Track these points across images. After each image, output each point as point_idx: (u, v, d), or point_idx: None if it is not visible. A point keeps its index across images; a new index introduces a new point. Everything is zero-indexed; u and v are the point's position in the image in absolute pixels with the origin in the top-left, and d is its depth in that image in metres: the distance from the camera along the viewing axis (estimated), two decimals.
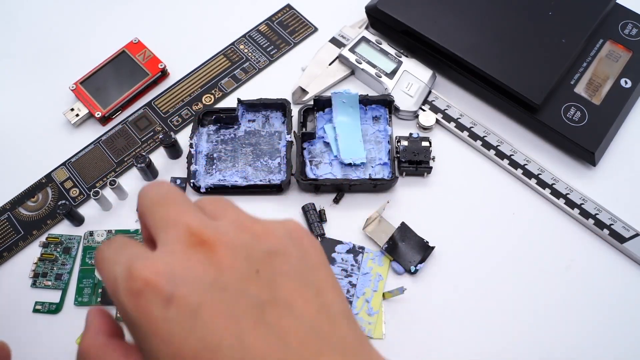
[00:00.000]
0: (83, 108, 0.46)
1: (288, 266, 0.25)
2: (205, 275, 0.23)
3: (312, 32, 0.50)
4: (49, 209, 0.43)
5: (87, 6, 0.52)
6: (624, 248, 0.39)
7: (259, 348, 0.22)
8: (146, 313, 0.23)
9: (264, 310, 0.23)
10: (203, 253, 0.24)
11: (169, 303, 0.23)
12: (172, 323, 0.22)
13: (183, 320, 0.22)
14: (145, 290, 0.23)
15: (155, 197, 0.27)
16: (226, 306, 0.23)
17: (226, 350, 0.22)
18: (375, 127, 0.44)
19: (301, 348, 0.22)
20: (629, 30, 0.45)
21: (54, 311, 0.39)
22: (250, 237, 0.25)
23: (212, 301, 0.23)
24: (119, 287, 0.24)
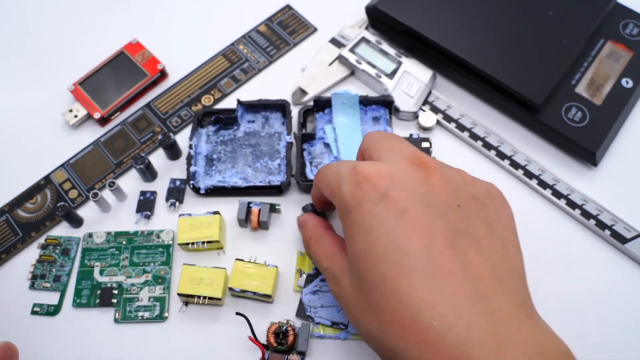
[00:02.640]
0: (82, 109, 0.45)
1: (485, 214, 0.27)
2: (418, 188, 0.26)
3: (312, 33, 0.49)
4: (48, 210, 0.43)
5: (86, 6, 0.52)
6: (626, 249, 0.39)
7: (442, 265, 0.24)
8: (360, 202, 0.26)
9: (457, 237, 0.25)
10: (420, 172, 0.27)
11: (381, 199, 0.25)
12: (377, 218, 0.25)
13: (387, 218, 0.25)
14: (364, 183, 0.26)
15: (382, 134, 0.31)
16: (427, 220, 0.25)
17: (413, 257, 0.24)
18: (376, 128, 0.44)
19: (480, 279, 0.24)
20: (630, 29, 0.45)
21: (52, 313, 0.39)
22: (461, 179, 0.28)
23: (416, 211, 0.25)
24: (342, 180, 0.27)
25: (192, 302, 0.38)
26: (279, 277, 0.39)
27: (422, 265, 0.24)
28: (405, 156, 0.28)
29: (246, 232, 0.41)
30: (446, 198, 0.26)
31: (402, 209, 0.25)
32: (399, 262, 0.24)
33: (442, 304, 0.23)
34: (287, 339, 0.36)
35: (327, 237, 0.32)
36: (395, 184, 0.26)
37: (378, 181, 0.26)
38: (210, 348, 0.37)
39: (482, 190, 0.28)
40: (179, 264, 0.40)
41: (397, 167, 0.27)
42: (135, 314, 0.38)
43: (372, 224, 0.25)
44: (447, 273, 0.24)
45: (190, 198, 0.43)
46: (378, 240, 0.25)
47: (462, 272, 0.24)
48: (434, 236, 0.25)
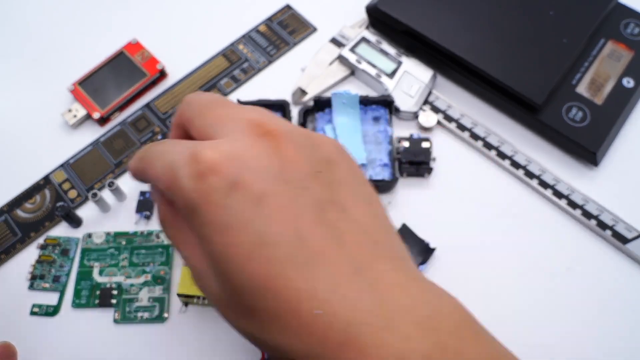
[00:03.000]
0: (81, 109, 0.45)
1: (343, 175, 0.24)
2: (271, 165, 0.22)
3: (312, 32, 0.49)
4: (47, 210, 0.43)
5: (86, 6, 0.52)
6: (627, 249, 0.39)
7: (317, 246, 0.21)
8: (207, 198, 0.22)
9: (324, 209, 0.22)
10: (268, 143, 0.23)
11: (232, 189, 0.21)
12: (231, 211, 0.21)
13: (244, 209, 0.21)
14: (208, 173, 0.22)
15: (203, 99, 0.26)
16: (289, 200, 0.22)
17: (283, 246, 0.21)
18: (376, 128, 0.44)
19: (356, 250, 0.22)
20: (630, 29, 0.44)
21: (52, 313, 0.39)
22: (309, 141, 0.24)
23: (275, 193, 0.22)
24: (180, 172, 0.22)
25: (192, 302, 0.38)
26: None
27: (294, 253, 0.21)
28: (245, 127, 0.23)
29: None
30: (303, 168, 0.23)
31: (258, 194, 0.21)
32: (267, 257, 0.21)
33: (323, 290, 0.20)
34: None
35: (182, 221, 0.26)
36: (245, 166, 0.22)
37: (224, 168, 0.22)
38: (210, 349, 0.37)
39: (333, 148, 0.25)
40: (179, 264, 0.40)
41: (241, 143, 0.23)
42: (135, 315, 0.38)
43: (227, 221, 0.21)
44: (321, 254, 0.21)
45: None
46: (238, 238, 0.21)
47: (337, 248, 0.21)
48: (301, 215, 0.22)
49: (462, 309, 0.22)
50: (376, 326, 0.20)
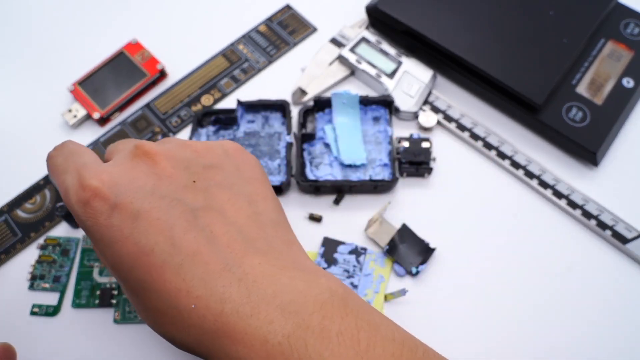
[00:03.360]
0: (81, 109, 0.45)
1: (222, 177, 0.27)
2: (146, 184, 0.26)
3: (312, 33, 0.49)
4: (47, 211, 0.43)
5: (86, 6, 0.52)
6: (627, 249, 0.39)
7: (189, 249, 0.24)
8: (94, 220, 0.25)
9: (197, 216, 0.25)
10: (146, 164, 0.26)
11: (113, 210, 0.25)
12: (114, 229, 0.25)
13: (124, 226, 0.25)
14: (92, 200, 0.25)
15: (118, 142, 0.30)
16: (162, 213, 0.25)
17: (159, 253, 0.24)
18: (376, 128, 0.44)
19: (228, 249, 0.25)
20: (630, 29, 0.44)
21: (52, 314, 0.39)
22: (191, 153, 0.28)
23: (150, 208, 0.25)
24: (71, 197, 0.26)
25: None
26: None
27: (169, 258, 0.24)
28: (129, 152, 0.27)
29: None
30: (178, 181, 0.26)
31: (135, 212, 0.25)
32: (147, 263, 0.24)
33: (196, 287, 0.24)
34: None
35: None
36: (122, 189, 0.26)
37: (105, 193, 0.25)
38: None
39: (217, 154, 0.28)
40: None
41: (121, 168, 0.26)
42: (135, 315, 0.38)
43: (111, 237, 0.25)
44: (194, 255, 0.24)
45: None
46: (121, 250, 0.25)
47: (209, 248, 0.24)
48: (174, 225, 0.25)
49: (334, 289, 0.24)
50: (243, 314, 0.23)
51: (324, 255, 0.39)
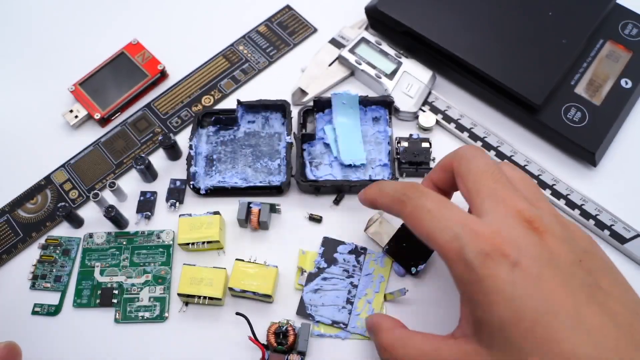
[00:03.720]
0: (82, 109, 0.46)
1: (600, 264, 0.29)
2: (542, 253, 0.27)
3: (312, 33, 0.49)
4: (48, 211, 0.43)
5: (86, 7, 0.52)
6: (625, 249, 0.39)
7: (594, 321, 0.25)
8: (492, 272, 0.27)
9: (592, 291, 0.26)
10: (534, 235, 0.28)
11: (514, 267, 0.26)
12: (516, 285, 0.26)
13: (526, 285, 0.26)
14: (493, 253, 0.27)
15: (485, 167, 0.31)
16: (562, 280, 0.26)
17: (563, 317, 0.25)
18: (375, 128, 0.44)
19: (630, 327, 0.25)
20: (629, 30, 0.45)
21: (53, 313, 0.39)
22: (569, 235, 0.29)
23: (549, 274, 0.26)
24: (466, 248, 0.27)
25: (193, 302, 0.38)
26: (279, 277, 0.39)
27: (576, 323, 0.25)
28: (512, 214, 0.28)
29: (246, 232, 0.41)
30: (567, 257, 0.28)
31: (537, 275, 0.26)
32: (553, 323, 0.25)
33: (610, 357, 0.24)
34: (287, 339, 0.36)
35: (414, 335, 0.32)
36: (522, 251, 0.27)
37: (505, 249, 0.27)
38: (210, 348, 0.37)
39: (588, 240, 0.30)
40: (179, 264, 0.40)
41: (515, 231, 0.28)
42: (136, 314, 0.39)
43: (513, 291, 0.26)
44: (600, 327, 0.25)
45: (191, 198, 0.43)
46: (524, 306, 0.26)
47: (613, 324, 0.25)
48: (575, 294, 0.26)
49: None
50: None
51: (324, 255, 0.40)
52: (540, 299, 0.26)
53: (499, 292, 0.26)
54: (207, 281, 0.38)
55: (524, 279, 0.26)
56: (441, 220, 0.29)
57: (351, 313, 0.38)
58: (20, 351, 0.34)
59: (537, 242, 0.27)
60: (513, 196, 0.29)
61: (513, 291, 0.26)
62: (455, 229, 0.28)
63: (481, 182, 0.30)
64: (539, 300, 0.26)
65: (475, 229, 0.28)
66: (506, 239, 0.27)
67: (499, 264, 0.27)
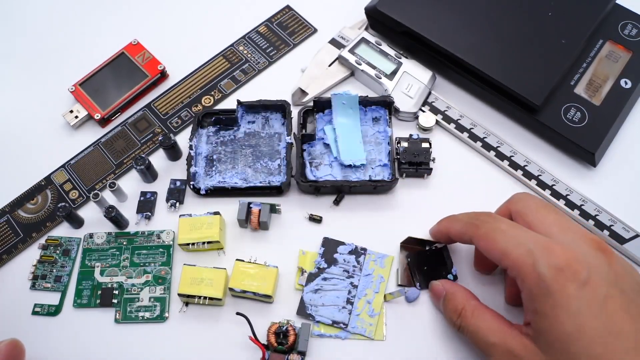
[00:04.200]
0: (82, 110, 0.46)
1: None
2: (608, 274, 0.29)
3: (312, 33, 0.49)
4: (49, 211, 0.43)
5: (86, 7, 0.52)
6: (624, 249, 0.39)
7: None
8: (564, 286, 0.28)
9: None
10: (604, 257, 0.30)
11: (584, 285, 0.28)
12: (582, 302, 0.28)
13: (593, 302, 0.28)
14: (566, 269, 0.28)
15: (535, 202, 0.34)
16: (626, 304, 0.28)
17: (625, 339, 0.27)
18: (375, 129, 0.44)
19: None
20: (628, 30, 0.45)
21: (53, 313, 0.39)
22: (630, 268, 0.31)
23: (616, 296, 0.28)
24: (538, 260, 0.29)
25: (193, 302, 0.38)
26: (279, 278, 0.39)
27: (633, 347, 0.27)
28: (584, 239, 0.30)
29: (246, 232, 0.41)
30: (631, 282, 0.29)
31: (604, 295, 0.28)
32: (612, 344, 0.27)
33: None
34: (288, 339, 0.36)
35: (487, 310, 0.34)
36: (592, 270, 0.29)
37: (577, 267, 0.28)
38: (210, 348, 0.37)
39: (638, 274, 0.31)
40: (180, 264, 0.40)
41: (586, 252, 0.30)
42: (136, 314, 0.39)
43: (579, 307, 0.28)
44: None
45: (191, 198, 0.43)
46: (588, 323, 0.27)
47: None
48: (636, 319, 0.28)
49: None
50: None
51: (324, 255, 0.40)
52: (604, 320, 0.27)
53: (565, 307, 0.28)
54: (207, 281, 0.38)
55: (592, 297, 0.28)
56: (515, 238, 0.31)
57: (351, 313, 0.38)
58: (24, 348, 0.34)
59: (605, 264, 0.29)
60: (576, 225, 0.32)
61: (579, 307, 0.28)
62: (529, 245, 0.30)
63: (542, 214, 0.33)
64: (602, 320, 0.27)
65: (548, 245, 0.30)
66: (579, 257, 0.29)
67: (569, 280, 0.28)
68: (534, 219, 0.32)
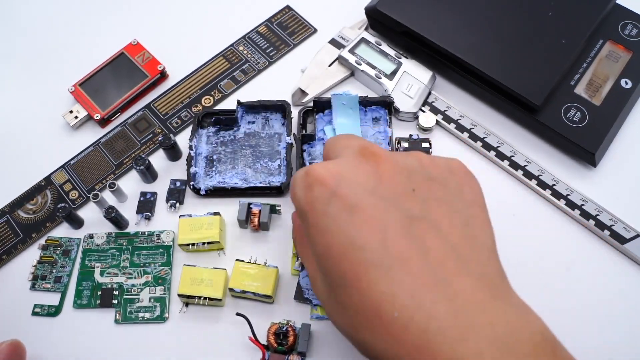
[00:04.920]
0: (82, 110, 0.46)
1: (443, 193, 0.27)
2: (367, 182, 0.26)
3: (312, 34, 0.49)
4: (48, 211, 0.43)
5: (86, 7, 0.52)
6: (625, 249, 0.39)
7: (399, 256, 0.24)
8: (312, 204, 0.26)
9: (412, 224, 0.25)
10: (370, 164, 0.27)
11: (331, 198, 0.26)
12: (329, 217, 0.25)
13: (339, 216, 0.25)
14: (314, 184, 0.26)
15: (338, 136, 0.31)
16: (379, 212, 0.25)
17: (369, 252, 0.24)
18: (375, 129, 0.44)
19: (439, 264, 0.24)
20: (629, 30, 0.45)
21: (53, 314, 0.39)
22: (416, 162, 0.28)
23: (367, 205, 0.25)
24: (296, 184, 0.28)
25: (193, 302, 0.38)
26: (279, 278, 0.39)
27: (378, 259, 0.24)
28: (355, 150, 0.28)
29: (246, 232, 0.41)
30: (398, 186, 0.26)
31: (352, 205, 0.25)
32: (356, 259, 0.24)
33: (402, 295, 0.23)
34: (288, 339, 0.36)
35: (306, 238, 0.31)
36: (344, 181, 0.26)
37: (327, 180, 0.26)
38: (210, 349, 0.37)
39: (442, 168, 0.28)
40: (180, 264, 0.40)
41: (347, 162, 0.27)
42: (136, 315, 0.39)
43: (326, 224, 0.25)
44: (404, 263, 0.24)
45: (191, 199, 0.43)
46: (333, 240, 0.25)
47: (420, 259, 0.24)
48: (388, 227, 0.24)
49: (546, 332, 0.23)
50: (450, 337, 0.22)
51: None
52: (349, 232, 0.24)
53: (315, 225, 0.26)
54: (207, 282, 0.38)
55: (338, 211, 0.25)
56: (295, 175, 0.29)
57: None
58: (25, 349, 0.35)
59: (368, 169, 0.26)
60: (360, 139, 0.29)
61: (326, 224, 0.25)
62: (296, 175, 0.28)
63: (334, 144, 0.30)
64: (348, 233, 0.24)
65: (308, 169, 0.27)
66: (331, 170, 0.26)
67: (317, 197, 0.26)
68: (330, 153, 0.30)
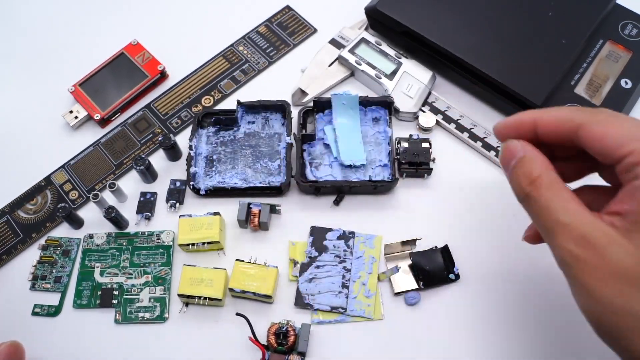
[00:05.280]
0: (82, 110, 0.46)
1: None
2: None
3: (312, 34, 0.49)
4: (48, 211, 0.43)
5: (86, 8, 0.52)
6: None
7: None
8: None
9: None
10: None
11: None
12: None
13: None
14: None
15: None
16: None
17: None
18: (375, 129, 0.44)
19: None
20: (629, 30, 0.45)
21: (53, 314, 0.39)
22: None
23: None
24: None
25: (193, 302, 0.38)
26: (279, 278, 0.39)
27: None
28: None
29: (246, 232, 0.41)
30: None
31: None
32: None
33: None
34: (288, 339, 0.36)
35: (565, 188, 0.28)
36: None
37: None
38: (210, 348, 0.37)
39: None
40: (180, 264, 0.40)
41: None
42: (136, 315, 0.39)
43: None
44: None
45: (191, 199, 0.43)
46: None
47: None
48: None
49: None
50: None
51: (314, 243, 0.40)
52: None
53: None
54: (207, 282, 0.38)
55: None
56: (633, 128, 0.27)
57: (348, 297, 0.38)
58: (24, 350, 0.35)
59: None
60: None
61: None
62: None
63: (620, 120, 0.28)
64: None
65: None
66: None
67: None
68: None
